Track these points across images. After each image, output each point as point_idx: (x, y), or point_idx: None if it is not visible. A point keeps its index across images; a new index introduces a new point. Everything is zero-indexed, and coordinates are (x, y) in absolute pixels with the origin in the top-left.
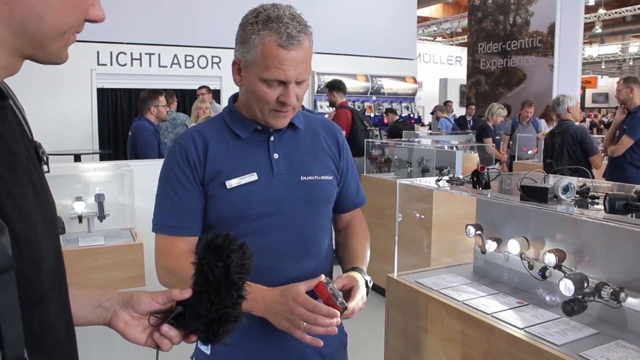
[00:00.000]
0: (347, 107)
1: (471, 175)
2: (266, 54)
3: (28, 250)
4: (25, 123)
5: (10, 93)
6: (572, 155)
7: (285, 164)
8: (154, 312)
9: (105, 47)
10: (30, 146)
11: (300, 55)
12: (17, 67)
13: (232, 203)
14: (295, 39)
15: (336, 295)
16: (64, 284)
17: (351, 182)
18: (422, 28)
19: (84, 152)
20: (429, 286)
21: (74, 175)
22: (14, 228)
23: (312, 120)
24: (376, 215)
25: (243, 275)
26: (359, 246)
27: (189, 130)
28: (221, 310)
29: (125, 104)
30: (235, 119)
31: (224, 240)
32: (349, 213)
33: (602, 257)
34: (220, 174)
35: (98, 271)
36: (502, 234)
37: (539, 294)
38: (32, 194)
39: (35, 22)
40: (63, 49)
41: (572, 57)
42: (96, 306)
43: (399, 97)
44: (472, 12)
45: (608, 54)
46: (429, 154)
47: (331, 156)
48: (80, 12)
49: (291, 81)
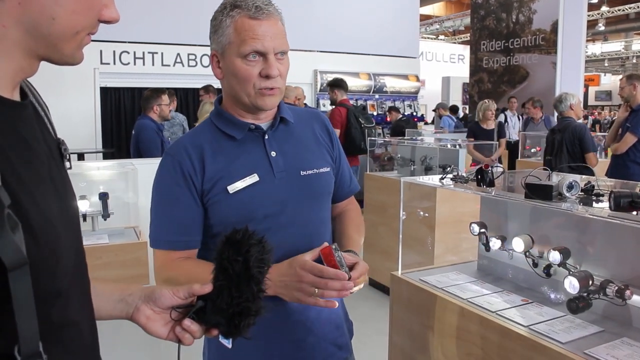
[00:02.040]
0: (344, 105)
1: (475, 173)
2: (239, 29)
3: (45, 245)
4: (48, 120)
5: (32, 91)
6: (571, 152)
7: (284, 161)
8: (175, 307)
9: (108, 46)
10: (52, 143)
11: (272, 26)
12: (34, 68)
13: (236, 207)
14: (264, 9)
15: (342, 262)
16: (85, 279)
17: (344, 170)
18: (425, 26)
19: (87, 150)
20: (433, 284)
21: (78, 174)
22: (30, 223)
23: (301, 113)
24: (379, 214)
25: (263, 269)
26: (354, 233)
27: (180, 141)
28: (242, 304)
29: (129, 102)
30: (226, 121)
31: (243, 234)
32: (343, 202)
33: (607, 254)
34: (221, 180)
35: (102, 269)
36: (507, 231)
37: (543, 292)
38: (51, 190)
39: (47, 22)
40: (77, 50)
41: (575, 54)
42: (119, 300)
43: (402, 95)
44: (474, 10)
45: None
46: (432, 152)
47: (325, 147)
48: (93, 13)
49: (269, 51)
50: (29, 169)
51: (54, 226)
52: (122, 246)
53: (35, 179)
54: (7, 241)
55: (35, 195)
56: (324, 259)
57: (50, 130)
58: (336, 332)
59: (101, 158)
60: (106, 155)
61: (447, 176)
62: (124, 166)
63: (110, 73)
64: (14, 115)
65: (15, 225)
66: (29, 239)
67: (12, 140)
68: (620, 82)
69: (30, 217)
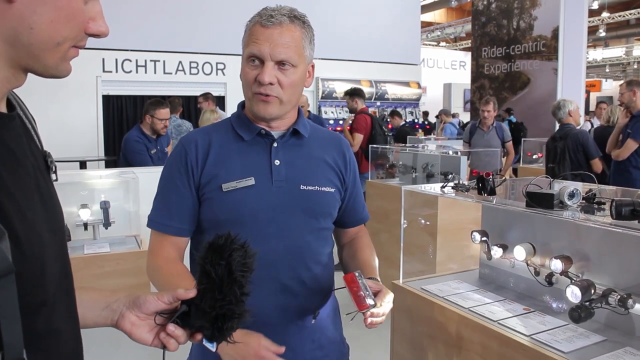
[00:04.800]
0: (367, 113)
1: (476, 181)
2: (250, 35)
3: (31, 254)
4: (35, 133)
5: (19, 103)
6: (574, 159)
7: (286, 171)
8: (160, 312)
9: (110, 55)
10: (39, 155)
11: (279, 34)
12: (20, 80)
13: (227, 206)
14: (275, 18)
15: (367, 289)
16: (70, 288)
17: (358, 197)
18: (426, 33)
19: (89, 158)
20: (434, 293)
21: (80, 183)
22: (16, 232)
23: (322, 133)
24: (381, 221)
25: (246, 273)
26: (370, 258)
27: (195, 132)
28: (225, 306)
29: (131, 110)
30: (241, 122)
31: (225, 239)
32: (354, 228)
33: (609, 263)
34: (218, 177)
35: (103, 278)
36: (508, 240)
37: (545, 301)
38: (38, 201)
39: (26, 32)
40: (61, 62)
41: (576, 60)
42: (104, 308)
43: (403, 102)
44: (475, 16)
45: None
46: (434, 159)
47: (336, 170)
48: (75, 24)
49: (265, 57)
50: (15, 180)
51: (40, 236)
52: (123, 255)
53: (21, 189)
54: None
55: (21, 205)
56: (347, 286)
57: (37, 142)
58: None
59: (103, 165)
60: (108, 163)
61: (448, 184)
62: (125, 175)
63: (113, 81)
64: (1, 126)
65: (2, 235)
66: (15, 249)
67: None
68: (620, 87)
69: (16, 227)
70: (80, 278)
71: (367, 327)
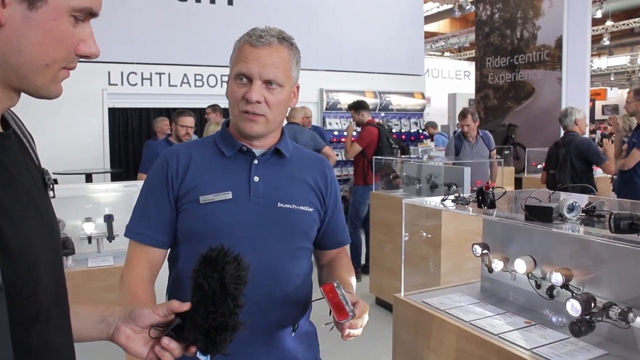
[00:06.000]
0: (374, 125)
1: (476, 194)
2: (238, 54)
3: (24, 269)
4: (32, 150)
5: (16, 121)
6: (575, 166)
7: (265, 188)
8: (154, 325)
9: (116, 67)
10: (36, 172)
11: (267, 55)
12: (13, 100)
13: (202, 218)
14: (264, 38)
15: (346, 299)
16: (65, 303)
17: (338, 219)
18: (430, 43)
19: (95, 171)
20: (435, 306)
21: (84, 197)
22: (9, 248)
23: (305, 154)
24: (385, 232)
25: (239, 286)
26: (347, 276)
27: (177, 146)
28: (218, 319)
29: (136, 123)
30: (224, 138)
31: (218, 252)
32: (334, 250)
33: (609, 276)
34: (196, 189)
35: (107, 291)
36: (509, 252)
37: (547, 314)
38: (34, 217)
39: (15, 54)
40: (52, 83)
41: (580, 69)
42: (99, 321)
43: (408, 112)
44: (479, 27)
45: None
46: (438, 170)
47: (316, 191)
48: (63, 46)
49: (254, 76)
50: (9, 196)
51: (33, 250)
52: None
53: (15, 204)
54: None
55: (14, 219)
56: (325, 296)
57: (34, 159)
58: None
59: (109, 178)
60: (114, 175)
61: (449, 197)
62: (128, 187)
63: (118, 94)
64: None
65: None
66: (6, 262)
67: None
68: (628, 96)
69: (8, 240)
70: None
71: (344, 338)
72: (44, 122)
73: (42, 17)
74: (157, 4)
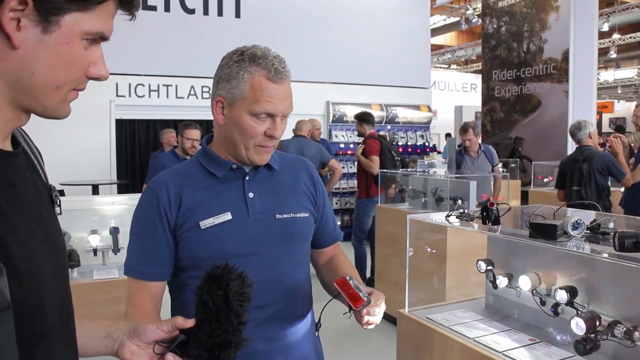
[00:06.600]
0: (376, 137)
1: (481, 210)
2: (256, 88)
3: (31, 288)
4: (40, 167)
5: (25, 138)
6: (599, 182)
7: (261, 202)
8: (159, 341)
9: (124, 79)
10: (43, 189)
11: (286, 89)
12: (22, 119)
13: (207, 243)
14: (282, 73)
15: (359, 288)
16: (71, 320)
17: (328, 216)
18: (437, 56)
19: (102, 182)
20: (439, 322)
21: (90, 209)
22: (16, 267)
23: (287, 159)
24: (390, 246)
25: (243, 303)
26: (352, 271)
27: (162, 176)
28: (222, 335)
29: (143, 134)
30: (210, 159)
31: (223, 270)
32: (329, 248)
33: (614, 294)
34: (194, 215)
35: (112, 304)
36: (514, 269)
37: (551, 331)
38: (40, 234)
39: (27, 76)
40: (61, 104)
41: (587, 82)
42: (104, 337)
43: (414, 125)
44: (485, 39)
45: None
46: (443, 184)
47: (307, 194)
48: (75, 69)
49: (279, 114)
50: (17, 215)
51: (40, 268)
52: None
53: (23, 223)
54: None
55: (22, 238)
56: (340, 290)
57: (42, 176)
58: None
59: (115, 189)
60: (120, 186)
61: (453, 213)
62: (134, 200)
63: (126, 105)
64: (5, 163)
65: (0, 271)
66: (13, 281)
67: (2, 188)
68: (635, 109)
69: (15, 260)
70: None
71: (364, 326)
72: (51, 133)
73: (56, 41)
74: (164, 17)
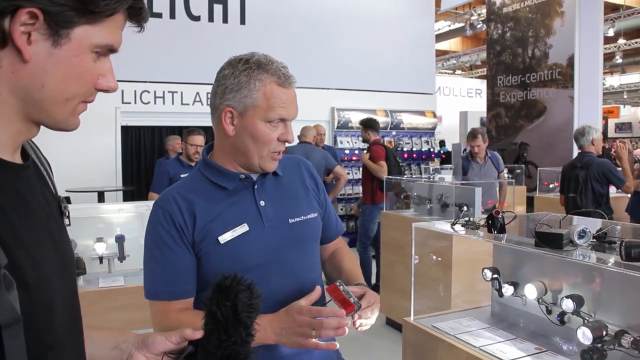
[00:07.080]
0: (380, 144)
1: (486, 219)
2: (268, 95)
3: (40, 300)
4: (49, 178)
5: (34, 149)
6: (596, 189)
7: (273, 209)
8: (167, 352)
9: (129, 86)
10: (52, 200)
11: (294, 93)
12: (32, 132)
13: (228, 257)
14: (290, 78)
15: (349, 294)
16: (79, 331)
17: (330, 212)
18: (442, 61)
19: (107, 189)
20: (445, 331)
21: (96, 217)
22: (26, 280)
23: (284, 162)
24: (396, 252)
25: (251, 314)
26: (353, 266)
27: (169, 193)
28: (230, 347)
29: (149, 141)
30: (216, 171)
31: (232, 281)
32: (332, 242)
33: (621, 303)
34: (212, 231)
35: (118, 311)
36: (519, 277)
37: (558, 340)
38: (49, 246)
39: (37, 89)
40: (70, 116)
41: (592, 88)
42: (113, 348)
43: (419, 131)
44: (490, 45)
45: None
46: (449, 190)
47: (312, 192)
48: (85, 82)
49: (291, 118)
50: (27, 228)
51: (49, 282)
52: (138, 288)
53: (33, 237)
54: (1, 300)
55: (32, 252)
56: (331, 296)
57: (51, 188)
58: None
59: (121, 196)
60: (126, 193)
61: (459, 221)
62: (139, 207)
63: (132, 112)
64: (15, 176)
65: (11, 285)
66: (24, 295)
67: (13, 201)
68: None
69: (26, 274)
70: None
71: (357, 329)
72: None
73: (65, 54)
74: (170, 23)
